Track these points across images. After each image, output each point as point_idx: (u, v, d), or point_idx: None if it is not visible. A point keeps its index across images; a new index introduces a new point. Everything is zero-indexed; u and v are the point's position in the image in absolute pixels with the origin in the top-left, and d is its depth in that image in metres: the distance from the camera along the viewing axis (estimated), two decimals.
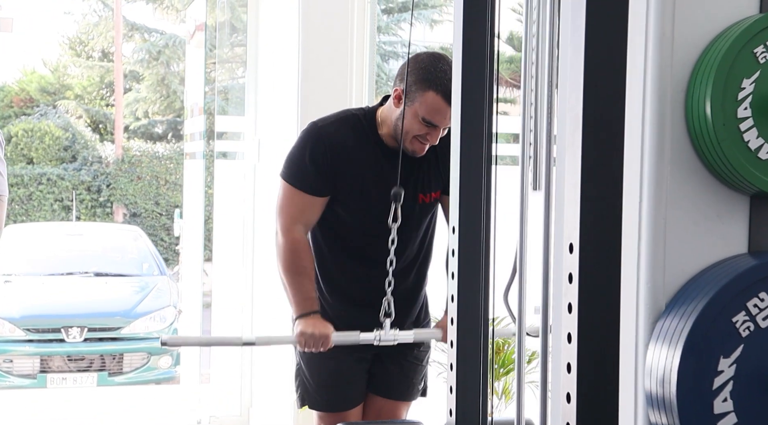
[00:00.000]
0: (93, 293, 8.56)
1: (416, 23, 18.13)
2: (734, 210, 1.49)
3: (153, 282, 8.81)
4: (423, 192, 3.01)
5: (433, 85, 2.81)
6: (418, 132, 2.87)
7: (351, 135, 2.96)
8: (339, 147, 2.93)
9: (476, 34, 1.81)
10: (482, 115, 1.83)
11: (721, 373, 1.41)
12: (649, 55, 1.47)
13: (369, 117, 3.00)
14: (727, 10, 1.47)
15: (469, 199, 1.83)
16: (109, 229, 12.32)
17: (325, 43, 4.38)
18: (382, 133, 2.98)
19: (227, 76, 6.48)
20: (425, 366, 3.24)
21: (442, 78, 2.79)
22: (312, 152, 2.94)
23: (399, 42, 17.83)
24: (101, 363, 7.84)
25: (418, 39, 18.61)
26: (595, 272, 1.38)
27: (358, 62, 4.37)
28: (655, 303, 1.49)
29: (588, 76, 1.36)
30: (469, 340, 1.85)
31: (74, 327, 7.82)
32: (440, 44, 18.39)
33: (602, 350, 1.39)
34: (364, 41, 4.38)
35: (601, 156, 1.38)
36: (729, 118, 1.41)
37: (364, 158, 2.96)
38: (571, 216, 1.38)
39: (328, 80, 4.39)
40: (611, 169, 1.38)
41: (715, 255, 1.49)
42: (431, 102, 2.81)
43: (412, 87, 2.83)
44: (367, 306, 2.99)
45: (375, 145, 2.97)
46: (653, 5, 1.47)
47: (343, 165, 2.94)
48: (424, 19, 18.24)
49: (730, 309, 1.41)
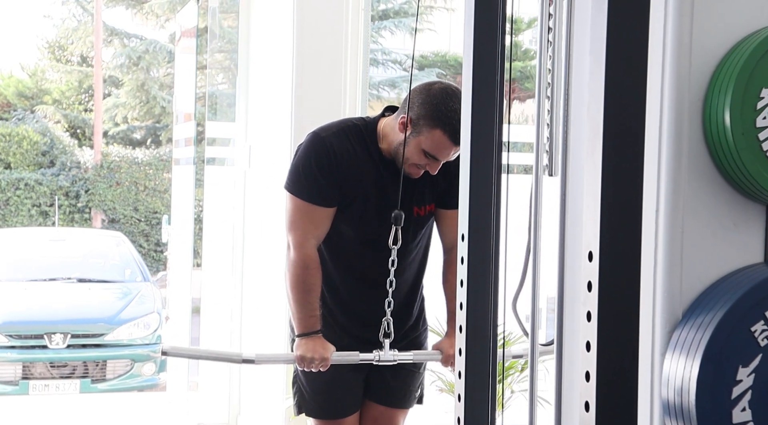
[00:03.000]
0: (76, 299, 8.50)
1: (397, 31, 18.16)
2: (750, 219, 1.50)
3: (136, 289, 8.76)
4: (417, 204, 3.01)
5: (442, 123, 2.79)
6: (418, 161, 2.88)
7: (352, 145, 2.95)
8: (342, 156, 2.92)
9: (487, 44, 1.81)
10: (492, 123, 1.83)
11: (740, 382, 1.41)
12: (667, 63, 1.48)
13: (370, 128, 2.99)
14: (745, 19, 1.47)
15: (479, 206, 1.83)
16: (91, 235, 12.24)
17: (319, 50, 4.38)
18: (382, 146, 2.97)
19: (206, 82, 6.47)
20: (422, 374, 3.24)
21: (452, 117, 2.77)
22: (318, 162, 2.92)
23: (380, 50, 17.84)
24: (84, 369, 7.78)
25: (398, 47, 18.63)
26: (615, 280, 1.38)
27: (351, 69, 4.37)
28: (671, 312, 1.49)
29: (609, 86, 1.36)
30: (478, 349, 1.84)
31: (57, 333, 7.76)
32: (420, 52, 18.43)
33: (622, 358, 1.39)
34: (357, 49, 4.38)
35: (621, 164, 1.37)
36: (748, 128, 1.42)
37: (364, 169, 2.95)
38: (591, 224, 1.38)
39: (322, 87, 4.38)
40: (631, 177, 1.38)
41: (732, 264, 1.50)
42: (438, 140, 2.81)
43: (420, 120, 2.82)
44: (366, 319, 3.02)
45: (374, 156, 2.97)
46: (671, 14, 1.47)
47: (345, 175, 2.93)
48: (404, 27, 18.26)
49: (748, 319, 1.41)
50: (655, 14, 1.42)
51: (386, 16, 17.69)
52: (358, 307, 3.07)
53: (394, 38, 18.30)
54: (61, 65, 20.10)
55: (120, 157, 17.47)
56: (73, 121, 19.45)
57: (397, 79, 18.21)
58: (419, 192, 2.99)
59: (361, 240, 3.01)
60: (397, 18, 18.10)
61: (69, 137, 18.37)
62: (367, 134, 2.98)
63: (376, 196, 2.96)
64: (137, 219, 17.07)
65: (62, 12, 19.85)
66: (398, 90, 18.15)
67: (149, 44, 18.93)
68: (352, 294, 3.07)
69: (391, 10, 17.94)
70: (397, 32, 18.21)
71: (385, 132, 2.96)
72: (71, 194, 17.00)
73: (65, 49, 20.45)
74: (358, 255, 3.03)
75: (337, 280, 3.06)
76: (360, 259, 3.04)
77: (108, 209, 17.07)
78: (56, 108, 19.45)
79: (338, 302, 3.08)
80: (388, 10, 17.83)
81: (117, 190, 17.06)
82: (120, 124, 19.32)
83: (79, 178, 17.10)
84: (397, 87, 18.16)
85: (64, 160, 17.22)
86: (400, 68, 18.65)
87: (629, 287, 1.38)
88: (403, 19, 18.19)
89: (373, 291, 2.96)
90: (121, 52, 19.37)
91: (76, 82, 19.98)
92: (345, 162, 2.93)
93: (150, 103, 18.94)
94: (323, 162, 2.91)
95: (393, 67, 18.52)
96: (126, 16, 19.68)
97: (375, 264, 2.96)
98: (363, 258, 3.03)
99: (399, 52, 18.64)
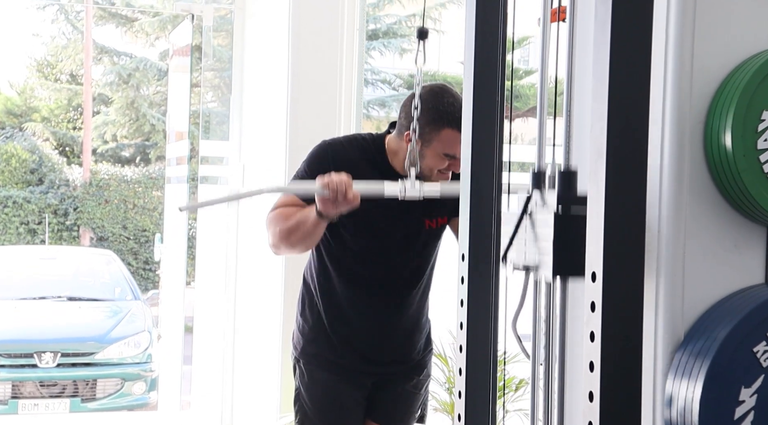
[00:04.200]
0: (66, 318, 8.45)
1: (386, 51, 18.21)
2: (751, 240, 1.51)
3: (127, 307, 8.72)
4: (429, 217, 3.00)
5: (446, 121, 2.81)
6: (441, 166, 2.88)
7: (360, 156, 2.95)
8: (347, 166, 2.90)
9: (487, 64, 1.82)
10: (492, 142, 1.84)
11: (743, 403, 1.42)
12: (668, 85, 1.49)
13: (378, 143, 3.00)
14: (745, 42, 1.49)
15: (479, 226, 1.84)
16: (81, 253, 12.19)
17: (314, 69, 4.40)
18: (394, 164, 2.97)
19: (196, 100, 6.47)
20: (423, 395, 3.23)
21: (452, 111, 2.79)
22: (317, 164, 2.92)
23: (369, 70, 17.88)
24: (74, 388, 7.73)
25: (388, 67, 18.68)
26: (619, 301, 1.38)
27: (346, 88, 4.38)
28: (673, 333, 1.50)
29: (612, 107, 1.37)
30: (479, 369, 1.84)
31: (47, 352, 7.71)
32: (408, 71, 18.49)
33: (625, 379, 1.39)
34: (352, 68, 4.40)
35: (624, 185, 1.38)
36: (749, 150, 1.43)
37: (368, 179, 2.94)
38: (594, 245, 1.39)
39: (317, 106, 4.40)
40: (634, 198, 1.39)
41: (733, 285, 1.51)
42: (449, 138, 2.82)
43: (425, 129, 2.82)
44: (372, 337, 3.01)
45: (382, 169, 2.96)
46: (673, 37, 1.48)
47: None
48: (393, 47, 18.32)
49: (750, 340, 1.42)
50: (657, 37, 1.43)
51: (375, 36, 17.74)
52: (365, 324, 3.04)
53: (384, 58, 18.37)
54: (50, 83, 20.07)
55: (109, 174, 17.43)
56: (61, 139, 19.41)
57: (387, 98, 18.26)
58: (432, 204, 2.96)
59: (368, 254, 2.99)
60: (386, 38, 18.16)
61: (58, 155, 18.32)
62: (375, 148, 2.98)
63: (384, 209, 2.91)
64: (126, 238, 17.02)
65: (52, 30, 19.85)
66: (387, 109, 18.19)
67: (139, 62, 18.93)
68: (357, 312, 3.04)
69: (380, 30, 18.00)
70: (387, 52, 18.27)
71: (393, 148, 2.96)
72: (60, 212, 16.95)
73: (54, 66, 20.42)
74: (365, 268, 3.01)
75: (342, 296, 3.03)
76: (368, 273, 3.01)
77: (97, 227, 17.02)
78: (45, 126, 19.41)
79: (342, 320, 3.05)
80: (378, 30, 17.89)
81: (106, 208, 17.02)
82: (109, 141, 19.29)
83: (67, 196, 17.06)
84: (386, 106, 18.20)
85: (53, 177, 17.17)
86: (389, 88, 18.70)
87: (633, 307, 1.39)
88: (392, 40, 18.25)
89: (380, 307, 2.94)
90: (110, 70, 19.36)
91: (65, 100, 19.95)
92: (353, 169, 2.87)
93: (140, 120, 18.92)
94: (325, 167, 2.88)
95: (382, 87, 18.58)
96: (116, 34, 19.68)
97: (383, 277, 2.94)
98: (371, 272, 3.01)
99: (388, 72, 18.70)
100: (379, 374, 3.10)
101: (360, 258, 3.00)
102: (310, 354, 3.09)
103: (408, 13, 17.94)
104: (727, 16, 1.48)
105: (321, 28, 4.39)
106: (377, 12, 17.63)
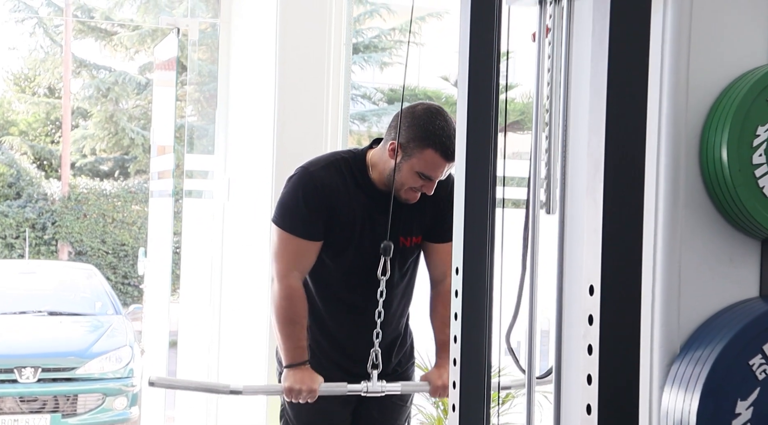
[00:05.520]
0: (46, 332, 8.36)
1: (366, 65, 18.24)
2: (746, 254, 1.52)
3: (108, 322, 8.65)
4: (404, 235, 3.02)
5: (432, 142, 2.81)
6: (413, 184, 2.89)
7: (340, 179, 2.97)
8: (330, 191, 2.94)
9: (482, 78, 1.83)
10: (487, 157, 1.85)
11: (739, 416, 1.43)
12: (664, 101, 1.51)
13: (359, 160, 3.01)
14: (740, 58, 1.51)
15: (473, 240, 1.84)
16: (61, 267, 12.08)
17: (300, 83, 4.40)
18: (373, 177, 2.98)
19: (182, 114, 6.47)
20: (408, 407, 3.24)
21: (441, 135, 2.80)
22: (305, 197, 2.94)
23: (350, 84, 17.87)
24: (54, 404, 7.65)
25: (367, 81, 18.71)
26: (616, 314, 1.39)
27: (333, 102, 4.39)
28: (670, 346, 1.51)
29: (609, 123, 1.39)
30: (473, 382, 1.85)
31: (27, 367, 7.63)
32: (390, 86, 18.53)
33: (623, 392, 1.40)
34: (339, 82, 4.41)
35: (621, 200, 1.39)
36: (744, 164, 1.45)
37: (353, 201, 2.96)
38: (592, 259, 1.40)
39: (303, 120, 4.40)
40: (632, 212, 1.40)
41: (728, 298, 1.52)
42: (430, 159, 2.83)
43: (409, 143, 2.84)
44: (354, 351, 3.02)
45: (363, 187, 2.98)
46: (669, 53, 1.50)
47: (332, 208, 2.94)
48: (374, 61, 18.36)
49: (746, 353, 1.44)
50: (653, 53, 1.45)
51: (356, 50, 17.76)
52: (346, 340, 3.07)
53: (364, 73, 18.39)
54: (28, 97, 19.97)
55: (88, 188, 17.35)
56: (39, 153, 19.32)
57: (367, 112, 18.29)
58: (407, 223, 3.00)
59: (347, 272, 3.02)
60: (367, 53, 18.19)
61: (36, 169, 18.22)
62: (356, 166, 2.99)
63: (364, 227, 2.97)
64: (105, 252, 16.93)
65: (30, 43, 19.76)
66: (368, 123, 18.21)
67: (118, 76, 18.87)
68: (339, 327, 3.07)
69: (361, 44, 18.04)
70: (367, 67, 18.30)
71: (374, 161, 2.98)
72: (38, 226, 16.85)
73: (32, 80, 20.33)
74: (345, 286, 3.04)
75: (324, 312, 3.06)
76: (347, 291, 3.04)
77: (75, 241, 16.93)
78: (23, 139, 19.32)
79: (325, 335, 3.08)
80: (358, 44, 17.92)
81: (84, 222, 16.93)
82: (88, 155, 19.21)
83: (45, 210, 16.96)
84: (367, 120, 18.23)
85: (31, 191, 17.08)
86: (369, 102, 18.73)
87: (630, 320, 1.40)
88: (373, 54, 18.28)
89: (361, 323, 2.96)
90: (89, 84, 19.31)
91: (43, 114, 19.86)
92: (333, 195, 2.94)
93: (119, 134, 18.85)
94: (310, 197, 2.93)
95: (362, 102, 18.60)
96: (95, 48, 19.63)
97: (362, 295, 2.97)
98: (350, 290, 3.04)
99: (369, 86, 18.73)
100: None
101: (339, 275, 3.03)
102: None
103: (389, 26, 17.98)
104: (722, 32, 1.50)
105: (307, 42, 4.40)
106: (358, 26, 17.66)
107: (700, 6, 1.50)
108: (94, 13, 19.17)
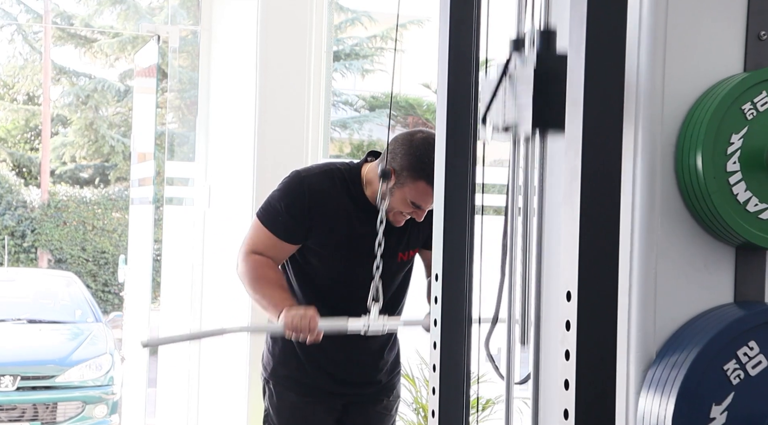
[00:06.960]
0: (26, 340, 8.33)
1: (347, 72, 18.29)
2: (721, 260, 1.54)
3: (88, 330, 8.62)
4: (402, 251, 3.03)
5: (425, 175, 2.79)
6: (403, 210, 2.90)
7: (332, 188, 2.97)
8: (319, 198, 2.94)
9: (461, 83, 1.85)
10: (466, 164, 1.86)
11: (713, 420, 1.45)
12: (640, 108, 1.53)
13: (353, 172, 3.01)
14: (715, 67, 1.53)
15: (453, 246, 1.86)
16: (41, 275, 12.04)
17: (281, 90, 4.41)
18: (367, 193, 2.98)
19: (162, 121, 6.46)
20: (393, 416, 3.24)
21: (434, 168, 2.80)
22: (290, 200, 2.94)
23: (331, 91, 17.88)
24: (34, 412, 7.61)
25: (348, 88, 18.75)
26: (593, 320, 1.41)
27: (314, 109, 4.41)
28: (645, 352, 1.53)
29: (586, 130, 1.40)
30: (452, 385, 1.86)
31: (6, 375, 7.59)
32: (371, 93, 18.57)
33: (600, 397, 1.41)
34: (320, 89, 4.42)
35: (598, 206, 1.41)
36: (719, 172, 1.47)
37: (343, 212, 2.96)
38: (569, 265, 1.41)
39: (284, 127, 4.41)
40: (608, 219, 1.41)
41: (703, 304, 1.54)
42: (422, 190, 2.82)
43: (403, 171, 2.83)
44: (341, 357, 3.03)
45: (356, 201, 2.98)
46: (644, 61, 1.52)
47: (320, 216, 2.94)
48: (355, 69, 18.40)
49: (721, 358, 1.45)
50: (629, 60, 1.46)
51: (337, 58, 17.80)
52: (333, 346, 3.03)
53: (345, 80, 18.43)
54: (7, 104, 19.89)
55: (67, 196, 17.29)
56: (18, 160, 19.25)
57: (348, 119, 18.32)
58: (406, 237, 3.01)
59: (339, 281, 3.01)
60: (348, 60, 18.23)
61: (15, 176, 18.14)
62: (349, 178, 2.99)
63: (355, 237, 2.96)
64: (85, 259, 16.87)
65: (8, 50, 19.70)
66: (350, 131, 18.24)
67: (98, 83, 18.83)
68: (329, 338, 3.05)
69: (342, 52, 18.07)
70: (348, 74, 18.34)
71: (369, 178, 2.98)
72: (17, 234, 16.78)
73: (11, 87, 20.26)
74: (335, 295, 3.02)
75: None
76: (338, 299, 3.01)
77: (55, 249, 16.86)
78: (1, 146, 19.24)
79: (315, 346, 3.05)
80: (339, 52, 17.95)
81: (64, 229, 16.87)
82: (68, 163, 19.15)
83: (25, 218, 16.89)
84: (348, 128, 18.26)
85: (10, 199, 17.00)
86: (351, 109, 18.76)
87: (607, 326, 1.41)
88: (354, 61, 18.32)
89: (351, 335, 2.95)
90: (69, 91, 19.25)
91: (22, 121, 19.77)
92: (321, 203, 2.93)
93: (99, 141, 18.80)
94: (295, 200, 2.93)
95: (344, 109, 18.64)
96: (74, 55, 19.58)
97: (352, 303, 2.96)
98: (341, 299, 3.00)
99: (350, 94, 18.76)
100: (348, 395, 3.10)
101: (331, 286, 3.02)
102: (280, 376, 3.09)
103: (369, 34, 18.02)
104: (698, 41, 1.52)
105: (288, 49, 4.41)
106: (340, 34, 17.69)
107: (675, 15, 1.52)
108: (74, 20, 19.13)
